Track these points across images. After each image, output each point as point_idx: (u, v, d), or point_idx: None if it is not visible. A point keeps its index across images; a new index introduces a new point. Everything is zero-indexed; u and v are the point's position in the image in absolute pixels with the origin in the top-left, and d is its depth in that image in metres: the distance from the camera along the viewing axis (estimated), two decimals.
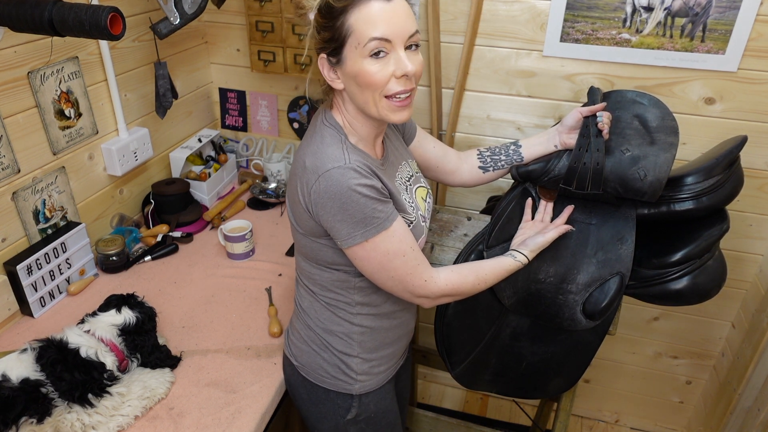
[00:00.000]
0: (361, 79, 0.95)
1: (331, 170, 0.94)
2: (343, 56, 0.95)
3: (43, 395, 1.01)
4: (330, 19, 0.93)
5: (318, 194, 0.95)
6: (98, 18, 1.03)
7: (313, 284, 1.11)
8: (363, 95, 0.97)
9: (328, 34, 0.94)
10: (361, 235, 0.96)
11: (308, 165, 0.97)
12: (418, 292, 1.04)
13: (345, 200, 0.94)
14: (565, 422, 1.48)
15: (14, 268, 1.28)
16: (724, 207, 1.22)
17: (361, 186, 0.94)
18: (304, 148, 1.02)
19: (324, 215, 0.97)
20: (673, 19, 1.47)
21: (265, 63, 1.76)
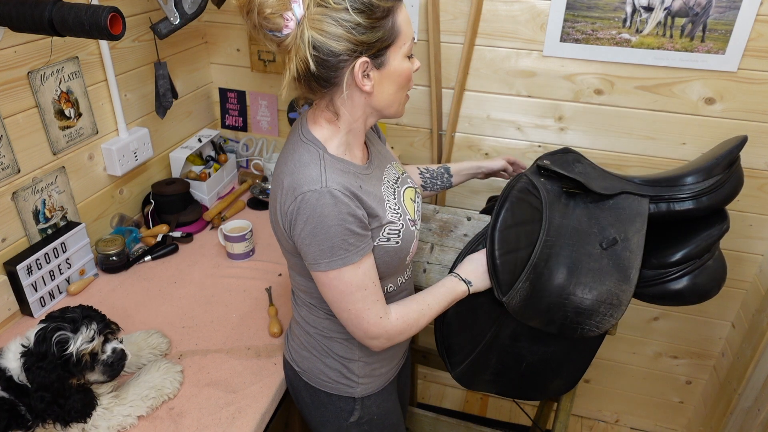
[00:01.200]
0: (403, 78, 0.97)
1: (307, 193, 0.92)
2: (387, 57, 0.93)
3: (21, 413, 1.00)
4: (378, 18, 0.90)
5: (293, 215, 0.94)
6: (98, 18, 1.03)
7: (310, 297, 1.10)
8: (397, 95, 0.99)
9: (380, 33, 0.91)
10: (325, 263, 0.95)
11: (286, 185, 0.96)
12: (372, 331, 1.01)
13: (316, 225, 0.93)
14: (565, 422, 1.48)
15: (14, 268, 1.28)
16: (724, 207, 1.22)
17: (336, 214, 0.92)
18: (281, 165, 1.00)
19: (296, 236, 0.96)
20: (673, 19, 1.47)
21: (265, 63, 1.76)
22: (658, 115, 1.61)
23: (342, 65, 0.92)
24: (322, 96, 0.98)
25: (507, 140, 1.76)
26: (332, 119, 1.00)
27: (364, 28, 0.89)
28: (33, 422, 1.01)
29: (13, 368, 1.00)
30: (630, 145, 1.67)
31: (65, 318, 1.02)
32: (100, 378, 1.06)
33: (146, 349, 1.22)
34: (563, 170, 1.20)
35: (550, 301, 1.19)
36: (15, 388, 1.00)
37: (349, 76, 0.93)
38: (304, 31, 0.88)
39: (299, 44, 0.89)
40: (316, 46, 0.89)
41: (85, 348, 1.01)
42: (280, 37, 0.90)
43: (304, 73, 0.92)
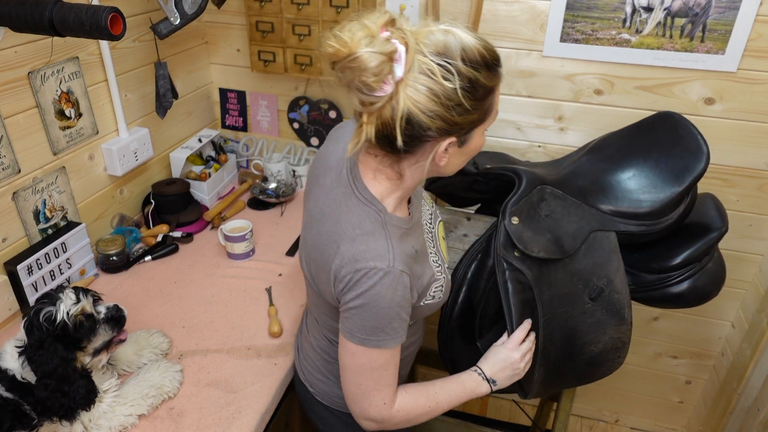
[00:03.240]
0: (476, 150, 0.91)
1: (371, 270, 0.86)
2: (472, 134, 0.87)
3: (25, 412, 1.00)
4: (479, 99, 0.82)
5: (348, 284, 0.88)
6: (98, 18, 1.03)
7: (332, 333, 1.08)
8: (463, 164, 0.94)
9: (476, 115, 0.83)
10: (361, 339, 0.91)
11: (344, 251, 0.89)
12: (370, 413, 0.97)
13: (369, 304, 0.88)
14: (565, 422, 1.48)
15: (15, 268, 1.28)
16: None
17: (391, 298, 0.88)
18: (333, 224, 0.92)
19: (343, 302, 0.91)
20: (673, 19, 1.47)
21: (265, 63, 1.76)
22: None
23: (426, 140, 0.84)
24: (389, 156, 0.89)
25: (507, 140, 1.76)
26: (393, 178, 0.92)
27: (464, 109, 0.80)
28: (37, 421, 1.01)
29: (13, 367, 1.01)
30: None
31: (41, 300, 1.04)
32: (107, 336, 1.08)
33: (147, 349, 1.22)
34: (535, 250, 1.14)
35: (563, 371, 1.22)
36: (18, 387, 1.00)
37: (427, 150, 0.86)
38: (399, 100, 0.78)
39: (388, 111, 0.79)
40: (409, 118, 0.79)
41: (76, 310, 1.02)
42: (368, 96, 0.79)
43: (379, 138, 0.83)
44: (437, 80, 0.77)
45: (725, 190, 1.65)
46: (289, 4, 1.63)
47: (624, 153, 1.27)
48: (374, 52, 0.74)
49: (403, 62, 0.76)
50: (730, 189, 1.65)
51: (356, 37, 0.74)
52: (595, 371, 1.24)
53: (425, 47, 0.78)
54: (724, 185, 1.64)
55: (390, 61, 0.75)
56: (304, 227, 1.05)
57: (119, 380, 1.14)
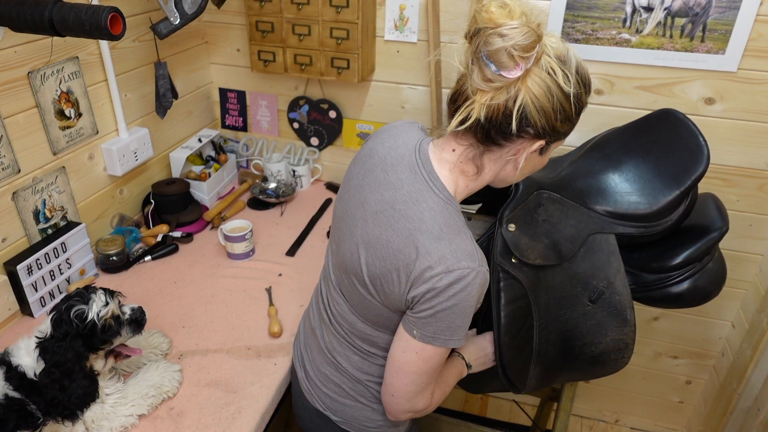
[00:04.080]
0: (542, 165, 0.96)
1: (465, 270, 0.85)
2: (551, 146, 0.91)
3: (31, 412, 1.00)
4: (576, 113, 0.87)
5: (436, 285, 0.85)
6: (98, 18, 1.03)
7: (371, 345, 1.04)
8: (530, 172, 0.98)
9: (567, 127, 0.88)
10: (442, 340, 0.89)
11: (431, 250, 0.86)
12: (419, 405, 0.98)
13: (458, 305, 0.86)
14: (565, 422, 1.48)
15: (14, 268, 1.28)
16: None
17: (476, 298, 0.88)
18: (414, 222, 0.88)
19: (424, 305, 0.88)
20: (673, 19, 1.47)
21: (265, 63, 1.76)
22: None
23: (523, 136, 0.85)
24: (476, 147, 0.90)
25: None
26: (470, 173, 0.92)
27: (564, 117, 0.85)
28: (42, 421, 1.01)
29: (26, 364, 1.01)
30: None
31: (72, 297, 1.05)
32: (126, 337, 1.11)
33: (147, 349, 1.22)
34: (531, 257, 1.13)
35: (564, 367, 1.22)
36: (26, 386, 1.00)
37: (517, 147, 0.88)
38: (520, 88, 0.80)
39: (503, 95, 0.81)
40: (523, 109, 0.82)
41: (106, 312, 1.05)
42: (494, 73, 0.80)
43: (487, 120, 0.84)
44: (558, 81, 0.81)
45: (725, 190, 1.65)
46: (289, 4, 1.63)
47: (623, 152, 1.27)
48: (532, 29, 0.77)
49: (535, 54, 0.79)
50: (731, 189, 1.65)
51: (517, 11, 0.78)
52: (597, 369, 1.24)
53: (551, 50, 0.81)
54: (724, 185, 1.64)
55: (537, 44, 0.78)
56: (353, 226, 0.98)
57: (123, 382, 1.14)
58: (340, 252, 1.01)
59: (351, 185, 1.02)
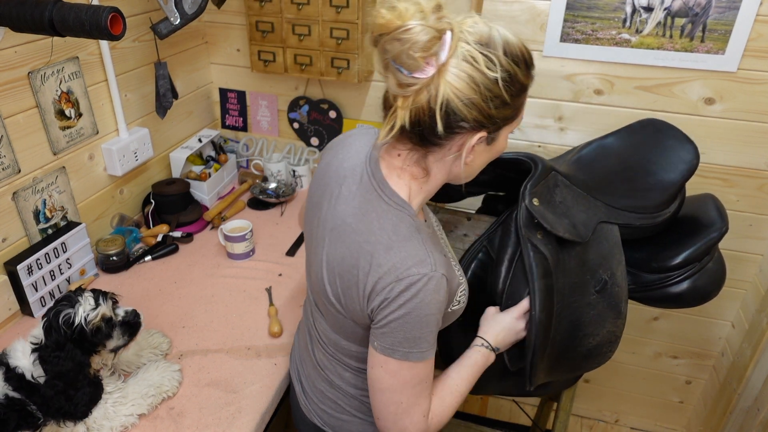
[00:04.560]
0: (499, 153, 0.91)
1: (415, 277, 0.82)
2: (500, 133, 0.86)
3: (31, 412, 1.00)
4: (514, 95, 0.81)
5: (388, 295, 0.83)
6: (98, 18, 1.03)
7: (359, 361, 1.00)
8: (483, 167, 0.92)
9: (509, 111, 0.83)
10: (403, 353, 0.85)
11: (382, 261, 0.83)
12: (411, 430, 0.91)
13: (411, 312, 0.82)
14: (565, 422, 1.48)
15: (15, 268, 1.28)
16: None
17: (435, 305, 0.84)
18: (364, 234, 0.86)
19: (380, 315, 0.85)
20: (673, 19, 1.47)
21: (265, 63, 1.76)
22: (658, 115, 1.60)
23: (458, 131, 0.81)
24: (416, 150, 0.86)
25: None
26: (419, 176, 0.88)
27: (501, 101, 0.80)
28: (43, 421, 1.01)
29: (24, 366, 1.01)
30: None
31: (60, 302, 1.04)
32: (120, 341, 1.09)
33: (147, 349, 1.22)
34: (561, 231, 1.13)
35: (560, 361, 1.20)
36: (25, 387, 1.00)
37: (458, 143, 0.83)
38: (439, 86, 0.76)
39: (425, 96, 0.78)
40: (446, 106, 0.78)
41: (95, 316, 1.03)
42: (408, 77, 0.77)
43: (413, 125, 0.81)
44: (480, 68, 0.76)
45: (725, 190, 1.65)
46: (289, 4, 1.63)
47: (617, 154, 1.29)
48: (427, 26, 0.73)
49: (447, 46, 0.75)
50: (730, 189, 1.65)
51: (410, 10, 0.74)
52: (586, 364, 1.22)
53: (470, 35, 0.77)
54: (724, 185, 1.64)
55: (439, 39, 0.74)
56: (316, 245, 0.95)
57: (123, 381, 1.14)
58: (311, 273, 1.00)
59: (312, 203, 1.00)
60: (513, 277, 1.14)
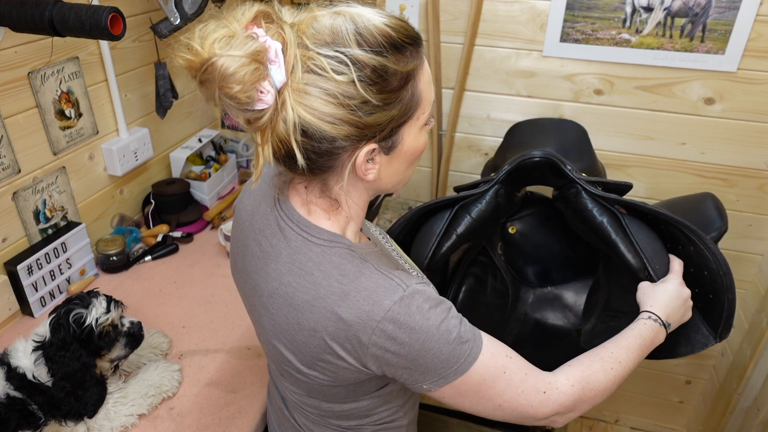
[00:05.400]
0: (416, 155, 0.73)
1: (393, 308, 0.69)
2: (401, 135, 0.70)
3: (32, 412, 1.00)
4: (394, 91, 0.66)
5: (381, 348, 0.70)
6: (99, 18, 1.03)
7: (348, 419, 0.88)
8: (407, 172, 0.76)
9: (395, 111, 0.67)
10: (452, 373, 0.72)
11: (347, 317, 0.69)
12: (543, 412, 0.77)
13: (424, 341, 0.69)
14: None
15: (15, 268, 1.28)
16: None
17: (434, 311, 0.71)
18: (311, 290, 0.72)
19: (395, 368, 0.72)
20: (673, 19, 1.47)
21: None
22: (658, 115, 1.61)
23: (339, 152, 0.68)
24: (312, 181, 0.73)
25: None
26: (331, 208, 0.75)
27: (374, 106, 0.65)
28: (43, 421, 1.01)
29: (25, 366, 1.01)
30: (630, 145, 1.67)
31: (72, 301, 1.05)
32: (122, 352, 1.09)
33: (147, 349, 1.22)
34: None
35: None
36: (27, 386, 1.00)
37: (347, 163, 0.69)
38: (287, 108, 0.63)
39: (281, 125, 0.64)
40: (306, 129, 0.64)
41: (105, 320, 1.04)
42: (247, 112, 0.64)
43: (285, 160, 0.69)
44: (329, 77, 0.62)
45: (725, 190, 1.65)
46: (289, 4, 1.63)
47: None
48: (231, 56, 0.59)
49: (281, 62, 0.61)
50: (730, 189, 1.65)
51: (209, 40, 0.60)
52: None
53: (309, 39, 0.63)
54: (724, 185, 1.65)
55: (257, 62, 0.60)
56: (258, 316, 0.82)
57: (124, 381, 1.14)
58: (262, 341, 0.86)
59: (237, 268, 0.86)
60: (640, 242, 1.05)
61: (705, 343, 1.02)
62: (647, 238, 1.05)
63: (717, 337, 1.01)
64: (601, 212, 1.07)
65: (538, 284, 1.33)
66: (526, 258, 1.33)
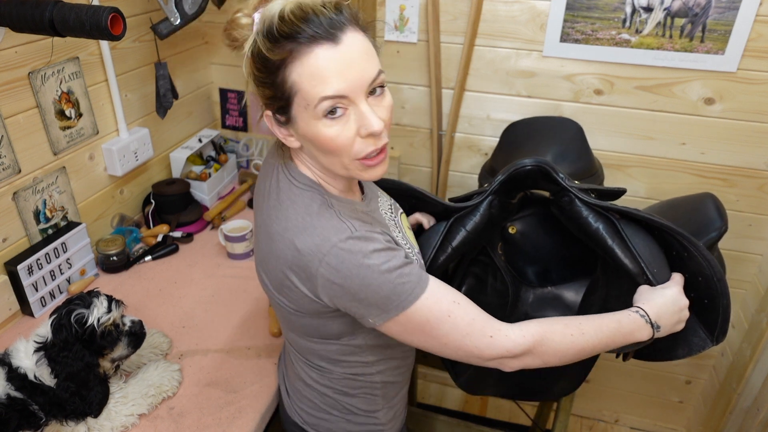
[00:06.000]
0: (320, 144, 0.79)
1: (337, 245, 0.78)
2: (293, 116, 0.79)
3: (33, 412, 1.00)
4: (268, 73, 0.77)
5: (327, 278, 0.79)
6: (99, 18, 1.03)
7: (320, 359, 0.98)
8: (328, 158, 0.82)
9: (269, 91, 0.78)
10: (394, 308, 0.80)
11: (302, 247, 0.80)
12: (488, 354, 0.84)
13: (364, 276, 0.78)
14: (565, 422, 1.48)
15: (15, 268, 1.28)
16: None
17: (375, 253, 0.79)
18: (282, 222, 0.84)
19: (339, 298, 0.82)
20: (673, 19, 1.47)
21: None
22: (658, 115, 1.61)
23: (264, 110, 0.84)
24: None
25: None
26: (307, 161, 0.88)
27: (256, 78, 0.79)
28: (44, 421, 1.01)
29: (26, 366, 1.01)
30: (630, 145, 1.67)
31: (73, 301, 1.05)
32: (124, 351, 1.09)
33: (147, 349, 1.22)
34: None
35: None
36: (28, 387, 1.00)
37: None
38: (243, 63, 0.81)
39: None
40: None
41: (107, 319, 1.04)
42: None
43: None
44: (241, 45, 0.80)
45: (725, 190, 1.65)
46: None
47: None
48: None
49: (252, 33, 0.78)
50: (730, 189, 1.65)
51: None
52: None
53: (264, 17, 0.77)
54: (724, 185, 1.65)
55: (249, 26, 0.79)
56: (256, 247, 0.96)
57: (124, 381, 1.14)
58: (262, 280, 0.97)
59: (255, 208, 0.99)
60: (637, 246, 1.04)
61: (702, 345, 1.02)
62: (644, 243, 1.05)
63: (714, 340, 1.02)
64: (596, 219, 1.07)
65: (539, 284, 1.33)
66: (526, 258, 1.33)
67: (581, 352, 0.88)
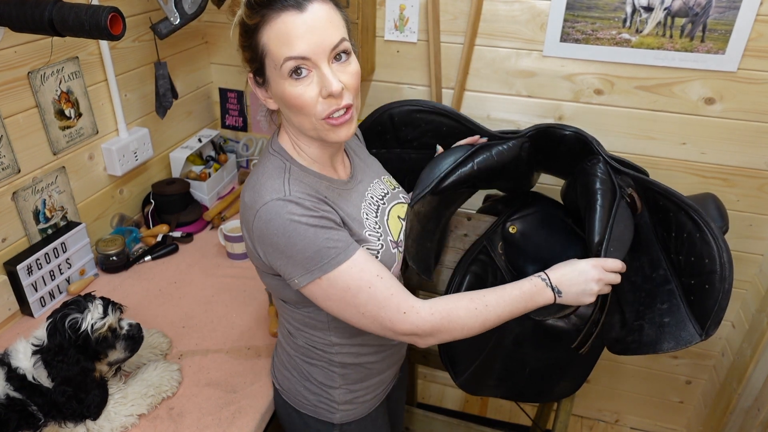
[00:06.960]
0: (287, 102, 0.87)
1: (268, 203, 0.85)
2: (267, 77, 0.88)
3: (32, 413, 1.00)
4: (247, 37, 0.87)
5: (260, 231, 0.87)
6: (98, 18, 1.03)
7: (287, 322, 1.07)
8: (297, 118, 0.89)
9: (248, 53, 0.89)
10: (317, 270, 0.86)
11: (247, 200, 0.90)
12: (400, 328, 0.89)
13: (290, 234, 0.85)
14: (565, 422, 1.48)
15: (14, 268, 1.28)
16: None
17: (305, 216, 0.85)
18: (246, 181, 0.94)
19: (270, 254, 0.89)
20: (673, 19, 1.47)
21: None
22: (658, 115, 1.61)
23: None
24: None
25: None
26: (284, 129, 0.96)
27: (240, 44, 0.90)
28: (43, 422, 1.01)
29: (25, 367, 1.01)
30: (630, 145, 1.67)
31: (69, 305, 1.05)
32: (121, 355, 1.08)
33: (147, 349, 1.22)
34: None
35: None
36: (27, 387, 1.00)
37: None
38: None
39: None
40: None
41: (102, 324, 1.03)
42: None
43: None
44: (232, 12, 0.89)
45: (725, 190, 1.65)
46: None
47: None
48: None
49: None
50: (731, 189, 1.65)
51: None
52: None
53: None
54: (725, 185, 1.64)
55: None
56: None
57: (124, 382, 1.14)
58: None
59: None
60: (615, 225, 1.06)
61: (689, 340, 1.02)
62: (622, 227, 1.05)
63: (703, 333, 1.01)
64: (603, 183, 1.08)
65: None
66: (526, 258, 1.33)
67: (485, 322, 0.93)
